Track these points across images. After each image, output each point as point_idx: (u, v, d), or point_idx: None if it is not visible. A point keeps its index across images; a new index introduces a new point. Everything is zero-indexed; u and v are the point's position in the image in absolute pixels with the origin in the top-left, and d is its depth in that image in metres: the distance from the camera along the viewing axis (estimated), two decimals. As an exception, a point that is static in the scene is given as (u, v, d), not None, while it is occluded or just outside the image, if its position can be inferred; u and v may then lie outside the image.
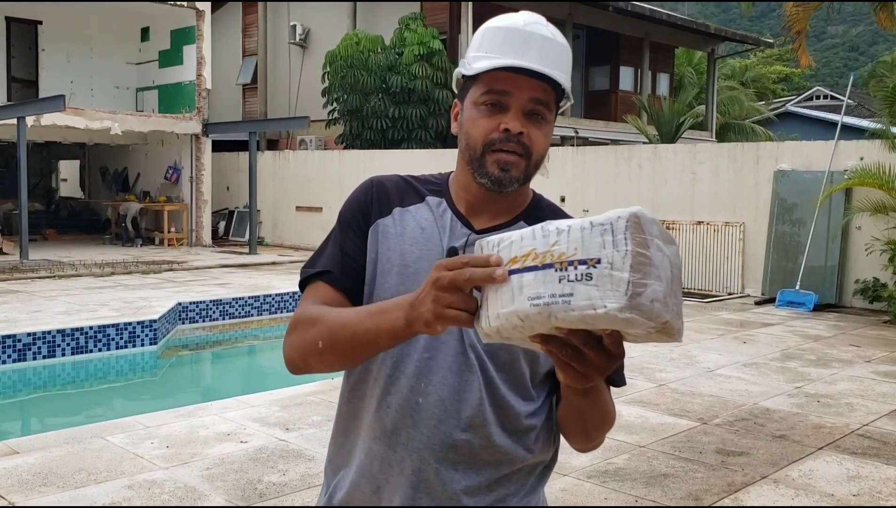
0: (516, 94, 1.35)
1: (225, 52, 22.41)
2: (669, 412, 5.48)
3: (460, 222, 1.44)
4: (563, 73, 1.38)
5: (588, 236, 1.03)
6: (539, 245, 1.06)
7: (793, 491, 4.12)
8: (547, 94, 1.37)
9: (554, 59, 1.37)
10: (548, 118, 1.39)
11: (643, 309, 1.00)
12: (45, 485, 4.02)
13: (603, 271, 1.01)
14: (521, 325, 1.07)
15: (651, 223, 1.04)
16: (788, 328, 8.90)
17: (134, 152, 19.40)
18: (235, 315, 10.08)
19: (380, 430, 1.40)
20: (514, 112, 1.35)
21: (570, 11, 19.76)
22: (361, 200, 1.48)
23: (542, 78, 1.35)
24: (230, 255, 15.78)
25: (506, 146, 1.36)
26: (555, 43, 1.38)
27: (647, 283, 1.00)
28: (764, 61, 37.55)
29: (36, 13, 17.93)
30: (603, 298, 1.01)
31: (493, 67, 1.35)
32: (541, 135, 1.38)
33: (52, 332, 7.69)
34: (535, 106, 1.36)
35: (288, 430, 4.98)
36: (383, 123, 17.06)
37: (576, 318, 1.03)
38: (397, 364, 1.40)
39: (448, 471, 1.37)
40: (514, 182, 1.37)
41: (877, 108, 11.61)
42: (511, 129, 1.35)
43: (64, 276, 11.92)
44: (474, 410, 1.37)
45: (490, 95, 1.36)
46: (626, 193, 12.65)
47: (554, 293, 1.03)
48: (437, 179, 1.51)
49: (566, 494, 4.01)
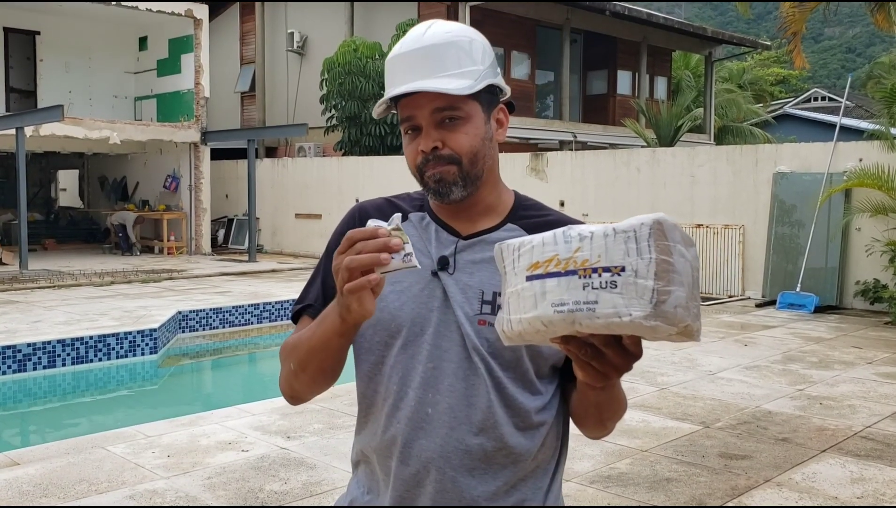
0: (419, 113, 1.40)
1: (223, 60, 22.44)
2: (671, 416, 5.47)
3: (445, 231, 1.46)
4: (451, 71, 1.38)
5: (612, 243, 1.04)
6: (561, 251, 1.07)
7: (796, 494, 4.11)
8: (447, 98, 1.38)
9: (440, 64, 1.38)
10: (463, 115, 1.39)
11: (667, 316, 1.01)
12: (45, 496, 4.00)
13: (627, 278, 1.02)
14: (545, 330, 1.08)
15: (673, 229, 1.04)
16: (789, 331, 8.89)
17: (133, 161, 19.41)
18: (235, 323, 10.07)
19: (392, 446, 1.40)
20: (425, 131, 1.40)
21: (567, 16, 19.81)
22: (345, 230, 1.49)
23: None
24: (230, 263, 15.77)
25: (428, 166, 1.40)
26: (435, 48, 1.39)
27: (670, 290, 1.01)
28: (761, 64, 37.62)
29: (34, 23, 17.96)
30: (628, 306, 1.01)
31: (386, 101, 1.42)
32: (460, 136, 1.39)
33: (52, 342, 7.67)
34: (441, 114, 1.39)
35: (289, 438, 4.97)
36: (382, 129, 17.07)
37: (601, 325, 1.04)
38: (403, 380, 1.40)
39: (465, 478, 1.37)
40: (453, 188, 1.40)
41: (875, 109, 11.63)
42: (424, 149, 1.40)
43: (64, 286, 11.91)
44: (484, 413, 1.37)
45: (405, 123, 1.43)
46: (625, 196, 12.65)
47: (578, 300, 1.04)
48: (418, 195, 1.54)
49: (569, 500, 3.99)
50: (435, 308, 1.40)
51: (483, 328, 1.37)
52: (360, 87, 16.98)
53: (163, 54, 18.47)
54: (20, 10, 17.30)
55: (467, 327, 1.38)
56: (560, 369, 1.44)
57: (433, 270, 1.42)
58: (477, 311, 1.38)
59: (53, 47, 18.29)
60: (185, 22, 17.43)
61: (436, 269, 1.42)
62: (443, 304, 1.39)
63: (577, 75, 22.10)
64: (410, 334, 1.40)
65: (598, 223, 1.10)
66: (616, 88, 22.58)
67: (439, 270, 1.42)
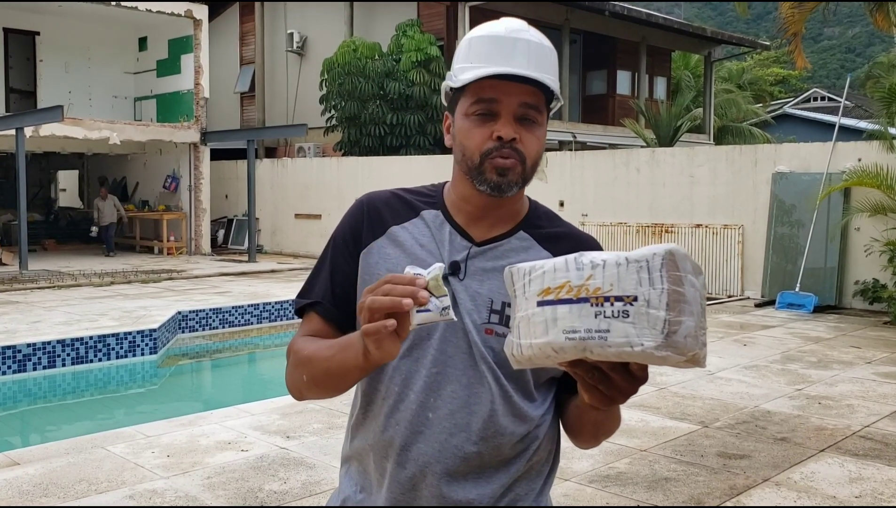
0: (505, 100, 1.36)
1: (222, 60, 22.44)
2: (670, 416, 5.47)
3: (459, 235, 1.44)
4: (549, 75, 1.38)
5: (624, 273, 1.05)
6: (573, 278, 1.07)
7: (795, 494, 4.12)
8: (536, 97, 1.37)
9: (539, 63, 1.37)
10: (539, 121, 1.39)
11: (678, 346, 1.02)
12: (45, 496, 4.01)
13: (640, 308, 1.03)
14: (555, 356, 1.09)
15: (685, 259, 1.05)
16: (788, 330, 8.90)
17: (132, 162, 19.42)
18: (235, 324, 10.07)
19: (389, 448, 1.40)
20: (504, 119, 1.36)
21: (566, 16, 19.81)
22: (352, 222, 1.48)
23: (529, 82, 1.35)
24: (229, 263, 15.78)
25: (501, 154, 1.36)
26: (539, 46, 1.39)
27: (681, 321, 1.02)
28: (761, 64, 37.59)
29: (34, 24, 17.97)
30: (640, 335, 1.02)
31: (480, 77, 1.35)
32: (534, 139, 1.38)
33: (52, 342, 7.68)
34: (526, 110, 1.37)
35: (289, 438, 4.98)
36: (381, 129, 17.08)
37: (612, 353, 1.05)
38: (406, 382, 1.40)
39: (460, 484, 1.37)
40: (512, 186, 1.38)
41: (874, 109, 11.63)
42: (504, 136, 1.35)
43: (63, 286, 11.92)
44: (485, 421, 1.37)
45: (479, 104, 1.37)
46: (624, 197, 12.65)
47: (590, 328, 1.05)
48: (430, 190, 1.52)
49: (568, 499, 4.00)
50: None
51: (489, 338, 1.37)
52: (359, 87, 16.98)
53: (162, 55, 18.48)
54: (20, 11, 17.31)
55: (475, 334, 1.38)
56: (558, 380, 1.45)
57: (443, 275, 1.42)
58: (485, 320, 1.38)
59: (53, 48, 18.30)
60: (184, 22, 17.44)
61: (447, 274, 1.41)
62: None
63: (576, 75, 22.10)
64: (417, 337, 1.39)
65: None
66: (615, 89, 22.58)
67: (450, 275, 1.40)
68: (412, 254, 1.42)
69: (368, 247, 1.45)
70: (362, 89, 16.99)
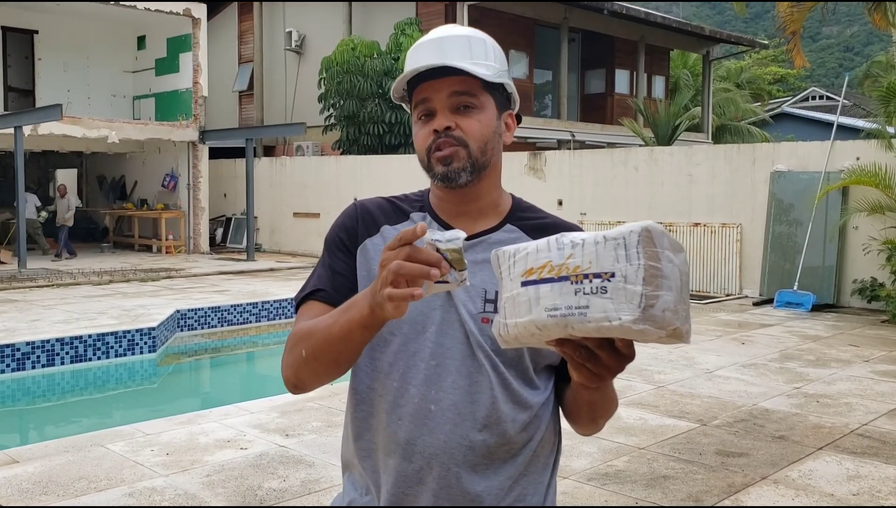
0: (436, 96, 1.41)
1: (221, 59, 22.43)
2: (669, 414, 5.48)
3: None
4: (471, 59, 1.41)
5: (602, 250, 1.07)
6: (555, 257, 1.10)
7: (793, 492, 4.13)
8: (466, 84, 1.41)
9: (457, 52, 1.41)
10: (477, 105, 1.42)
11: (655, 320, 1.04)
12: (45, 494, 4.02)
13: (617, 284, 1.05)
14: (539, 333, 1.11)
15: (662, 236, 1.07)
16: (787, 329, 8.91)
17: (131, 160, 19.41)
18: (234, 322, 10.08)
19: (393, 444, 1.40)
20: (439, 112, 1.42)
21: (565, 15, 19.82)
22: (347, 223, 1.52)
23: (451, 73, 1.39)
24: (228, 262, 15.78)
25: (438, 144, 1.41)
26: (458, 38, 1.43)
27: (658, 294, 1.04)
28: (759, 63, 37.60)
29: (32, 22, 17.95)
30: (618, 310, 1.04)
31: (399, 81, 1.44)
32: (473, 122, 1.42)
33: (50, 341, 7.69)
34: (458, 98, 1.41)
35: (288, 436, 4.98)
36: (380, 128, 17.08)
37: (592, 328, 1.07)
38: (404, 377, 1.41)
39: (468, 474, 1.38)
40: (460, 173, 1.41)
41: (872, 107, 11.64)
42: (437, 127, 1.41)
43: (62, 285, 11.92)
44: (488, 409, 1.39)
45: (418, 107, 1.44)
46: (622, 196, 12.67)
47: (570, 305, 1.07)
48: (417, 195, 1.56)
49: (566, 497, 4.01)
50: (438, 307, 1.41)
51: (486, 326, 1.39)
52: (358, 86, 16.98)
53: (161, 53, 18.47)
54: (18, 9, 17.29)
55: (471, 324, 1.39)
56: (555, 368, 1.47)
57: None
58: (480, 309, 1.40)
59: (52, 46, 18.28)
60: (183, 21, 17.43)
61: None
62: (446, 303, 1.41)
63: (574, 74, 22.11)
64: (412, 331, 1.40)
65: (591, 230, 1.13)
66: (614, 88, 22.59)
67: None
68: None
69: (363, 244, 1.48)
70: (361, 88, 16.99)
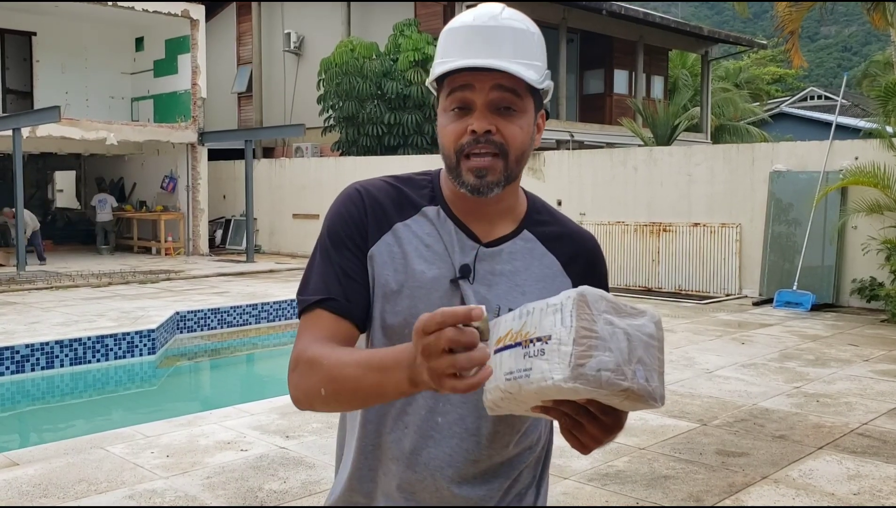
0: (478, 87, 1.28)
1: (220, 60, 22.43)
2: (669, 414, 5.48)
3: (465, 235, 1.40)
4: (523, 60, 1.29)
5: (544, 316, 1.11)
6: (515, 326, 1.14)
7: (793, 491, 4.13)
8: (512, 80, 1.28)
9: (508, 48, 1.29)
10: (520, 108, 1.31)
11: (588, 379, 1.06)
12: (45, 496, 4.01)
13: (552, 346, 1.09)
14: (507, 397, 1.15)
15: (598, 300, 1.11)
16: (786, 329, 8.91)
17: (130, 162, 19.40)
18: (234, 324, 10.07)
19: (397, 451, 1.38)
20: (479, 110, 1.29)
21: (563, 16, 19.82)
22: (354, 214, 1.39)
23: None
24: (227, 263, 15.77)
25: (476, 149, 1.29)
26: (507, 30, 1.30)
27: (591, 355, 1.07)
28: (758, 63, 37.65)
29: (30, 24, 17.94)
30: (552, 370, 1.08)
31: (442, 73, 1.30)
32: (515, 128, 1.30)
33: (50, 343, 7.67)
34: (502, 94, 1.28)
35: (288, 438, 4.98)
36: (379, 129, 17.08)
37: (534, 390, 1.10)
38: None
39: (467, 486, 1.38)
40: (493, 187, 1.32)
41: (871, 107, 11.65)
42: (477, 129, 1.28)
43: (61, 287, 11.91)
44: (494, 425, 1.38)
45: (454, 94, 1.30)
46: (621, 196, 12.67)
47: (520, 368, 1.11)
48: (424, 180, 1.44)
49: (567, 497, 4.01)
50: None
51: None
52: (357, 87, 16.98)
53: (159, 55, 18.46)
54: (16, 11, 17.27)
55: None
56: None
57: (453, 278, 1.37)
58: None
59: (50, 48, 18.27)
60: (181, 22, 17.42)
61: (456, 277, 1.37)
62: None
63: (573, 75, 22.11)
64: None
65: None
66: (613, 88, 22.59)
67: (460, 278, 1.36)
68: (417, 255, 1.37)
69: (376, 244, 1.38)
70: (360, 89, 16.99)
